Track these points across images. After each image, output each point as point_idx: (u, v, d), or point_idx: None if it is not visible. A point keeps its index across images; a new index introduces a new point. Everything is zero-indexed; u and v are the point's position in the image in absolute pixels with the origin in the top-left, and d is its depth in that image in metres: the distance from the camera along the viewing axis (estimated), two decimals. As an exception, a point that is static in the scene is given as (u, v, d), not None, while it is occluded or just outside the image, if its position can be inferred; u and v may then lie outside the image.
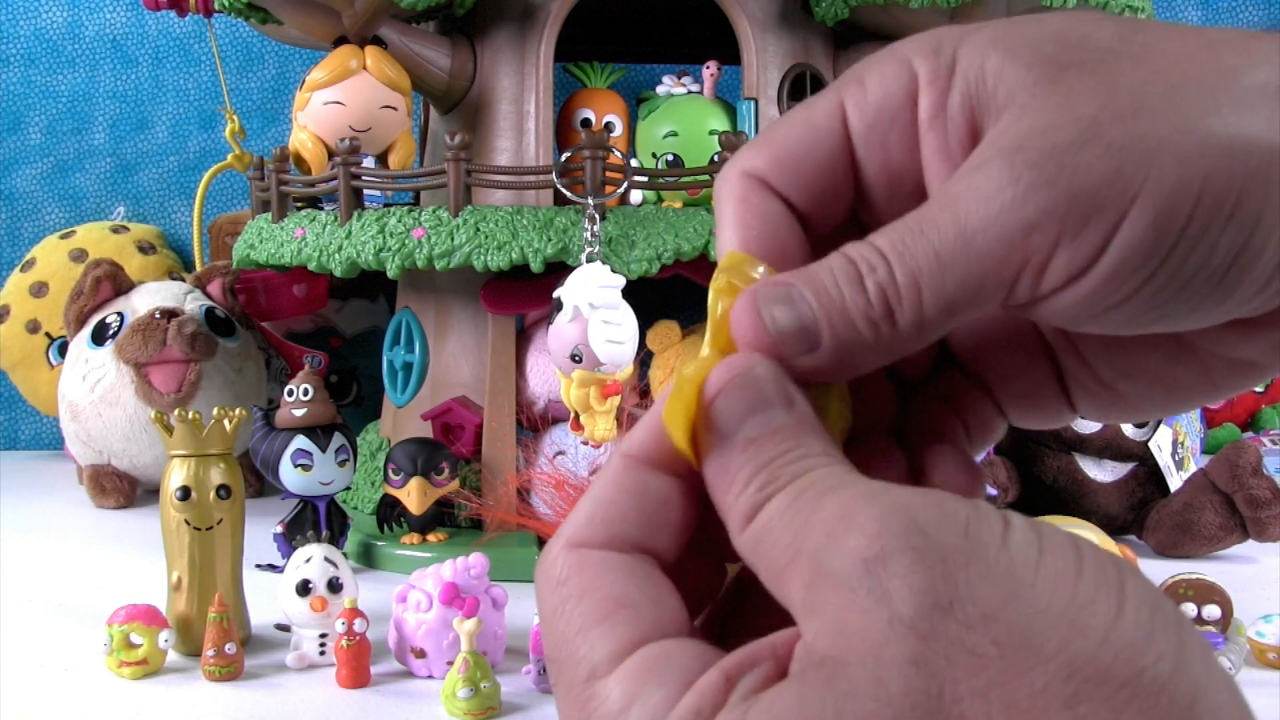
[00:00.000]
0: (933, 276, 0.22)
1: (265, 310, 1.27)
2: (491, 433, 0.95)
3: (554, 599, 0.22)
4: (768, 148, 0.25)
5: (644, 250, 0.86)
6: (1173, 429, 0.96)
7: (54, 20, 1.49)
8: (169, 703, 0.64)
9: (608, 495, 0.23)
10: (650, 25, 1.24)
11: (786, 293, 0.23)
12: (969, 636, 0.18)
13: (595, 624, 0.21)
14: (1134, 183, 0.21)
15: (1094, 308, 0.22)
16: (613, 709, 0.20)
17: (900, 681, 0.18)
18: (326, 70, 0.97)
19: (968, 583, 0.18)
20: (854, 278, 0.22)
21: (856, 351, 0.23)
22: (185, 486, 0.71)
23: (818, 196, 0.25)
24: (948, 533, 0.19)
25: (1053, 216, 0.21)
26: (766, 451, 0.22)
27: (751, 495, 0.21)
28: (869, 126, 0.25)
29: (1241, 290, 0.22)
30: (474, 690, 0.61)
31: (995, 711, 0.17)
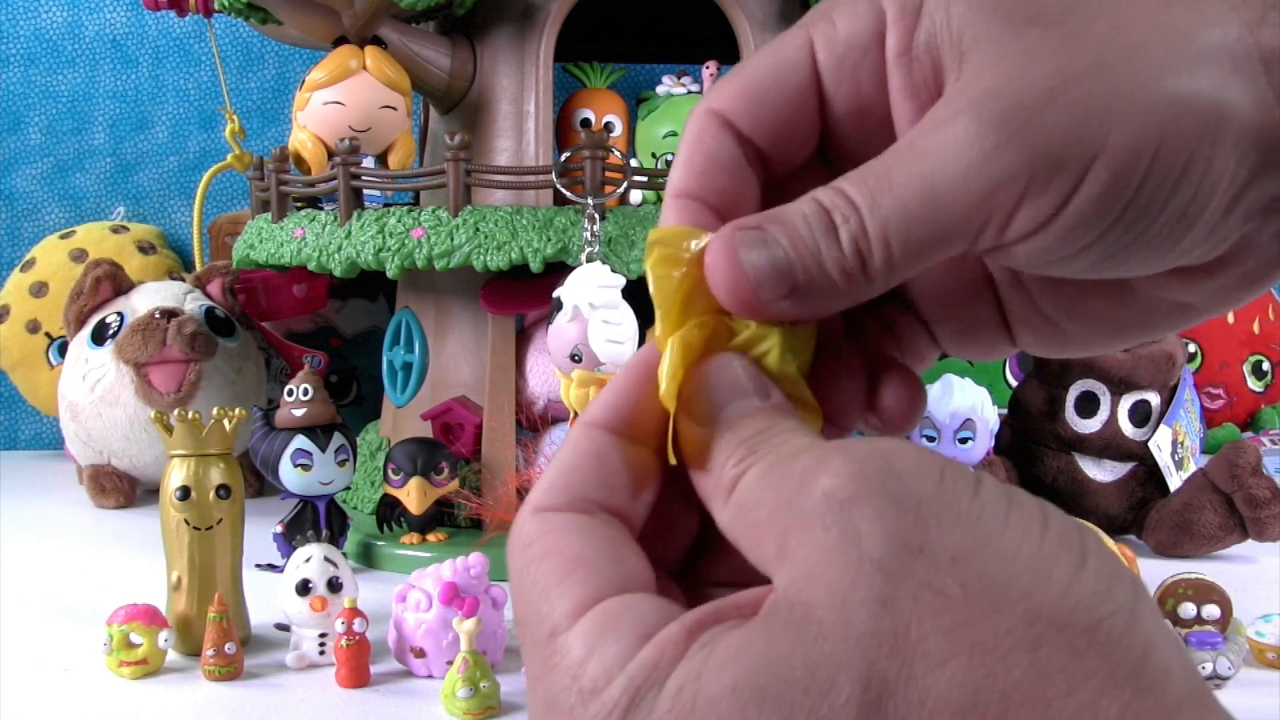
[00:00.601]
0: (902, 229, 0.22)
1: (265, 310, 1.27)
2: (491, 433, 0.95)
3: (519, 562, 0.22)
4: (735, 83, 0.26)
5: (644, 250, 0.86)
6: (1172, 429, 0.96)
7: (54, 20, 1.49)
8: (169, 703, 0.64)
9: (570, 461, 0.24)
10: (650, 25, 1.24)
11: (761, 236, 0.23)
12: (937, 578, 0.18)
13: (556, 583, 0.22)
14: (1095, 140, 0.22)
15: (1052, 255, 0.23)
16: (573, 660, 0.20)
17: (867, 622, 0.18)
18: (326, 70, 0.97)
19: (939, 527, 0.19)
20: (827, 226, 0.23)
21: (830, 297, 0.23)
22: (185, 486, 0.71)
23: (783, 132, 0.26)
24: (922, 479, 0.19)
25: (1018, 174, 0.22)
26: (744, 431, 0.22)
27: (730, 470, 0.22)
28: (839, 61, 0.25)
29: (1189, 240, 0.23)
30: (473, 690, 0.61)
31: (959, 650, 0.18)
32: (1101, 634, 0.18)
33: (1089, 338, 0.27)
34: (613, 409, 0.24)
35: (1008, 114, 0.22)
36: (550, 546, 0.22)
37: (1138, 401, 0.95)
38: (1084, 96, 0.22)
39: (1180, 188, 0.22)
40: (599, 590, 0.21)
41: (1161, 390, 0.96)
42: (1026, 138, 0.22)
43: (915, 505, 0.19)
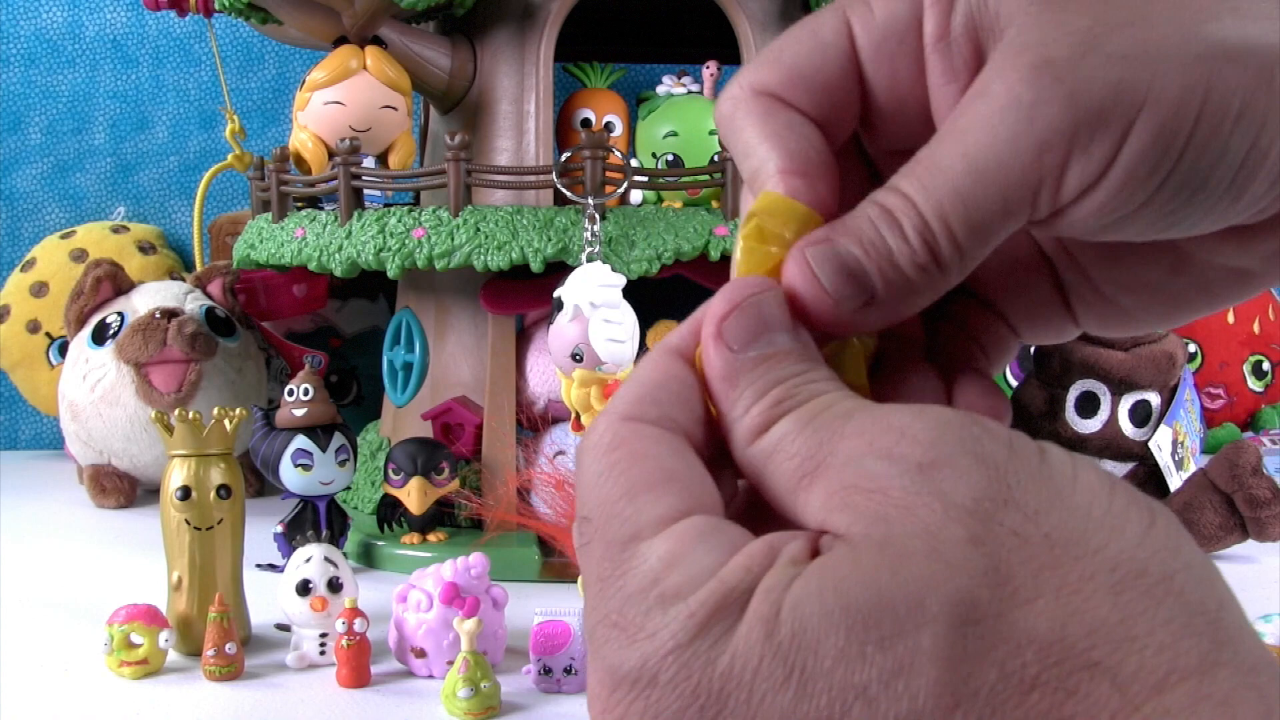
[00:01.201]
0: (959, 211, 0.22)
1: (265, 310, 1.27)
2: (491, 432, 0.95)
3: (601, 462, 0.22)
4: (777, 65, 0.25)
5: (644, 250, 0.86)
6: (1172, 429, 0.96)
7: (54, 20, 1.49)
8: (169, 703, 0.64)
9: (656, 379, 0.23)
10: (650, 25, 1.24)
11: (834, 249, 0.23)
12: (1023, 527, 0.19)
13: (645, 489, 0.21)
14: (1138, 92, 0.21)
15: (1111, 215, 0.23)
16: (653, 566, 0.20)
17: (959, 553, 0.19)
18: (326, 70, 0.97)
19: (1019, 485, 0.19)
20: (893, 225, 0.23)
21: (910, 296, 0.23)
22: (185, 486, 0.71)
23: (827, 113, 0.25)
24: (996, 444, 0.20)
25: (1060, 134, 0.22)
26: (776, 371, 0.22)
27: (763, 410, 0.22)
28: (876, 47, 0.25)
29: (1251, 191, 0.22)
30: (474, 690, 0.61)
31: (1046, 591, 0.18)
32: (1177, 585, 0.19)
33: (1148, 311, 0.27)
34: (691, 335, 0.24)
35: (1042, 69, 0.22)
36: (639, 452, 0.22)
37: (1138, 401, 0.95)
38: (1121, 46, 0.22)
39: (1236, 135, 0.22)
40: (688, 506, 0.21)
41: (1162, 390, 0.96)
42: (1065, 92, 0.22)
43: (994, 466, 0.20)
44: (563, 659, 0.65)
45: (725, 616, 0.19)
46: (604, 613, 0.21)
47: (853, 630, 0.18)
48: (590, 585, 0.21)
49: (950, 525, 0.19)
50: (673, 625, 0.20)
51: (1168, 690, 0.18)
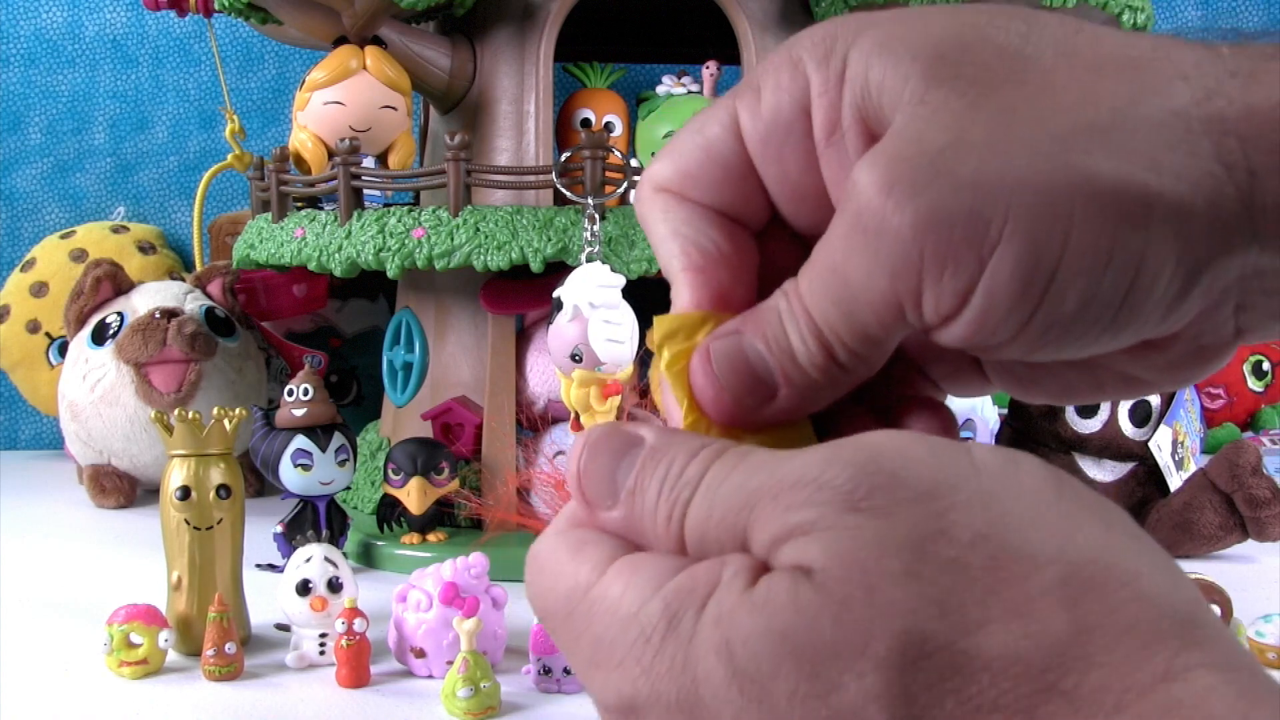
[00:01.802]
0: (841, 322, 0.22)
1: (265, 310, 1.27)
2: (491, 432, 0.95)
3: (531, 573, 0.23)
4: (669, 161, 0.25)
5: (644, 250, 0.86)
6: (1172, 429, 0.96)
7: (54, 20, 1.49)
8: (169, 702, 0.64)
9: None
10: (650, 25, 1.24)
11: (739, 344, 0.23)
12: (963, 555, 0.18)
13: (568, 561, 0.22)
14: (992, 225, 0.20)
15: (982, 341, 0.22)
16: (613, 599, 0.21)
17: (898, 592, 0.18)
18: (326, 70, 0.97)
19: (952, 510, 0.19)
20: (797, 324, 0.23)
21: (815, 393, 0.23)
22: (185, 486, 0.71)
23: (728, 204, 0.25)
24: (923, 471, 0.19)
25: (908, 261, 0.21)
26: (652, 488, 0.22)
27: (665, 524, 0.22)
28: (763, 140, 0.24)
29: (1134, 327, 0.22)
30: (474, 690, 0.61)
31: (997, 615, 0.18)
32: (1142, 586, 0.18)
33: (1053, 392, 0.27)
34: None
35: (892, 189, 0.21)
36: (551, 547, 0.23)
37: (1138, 401, 0.95)
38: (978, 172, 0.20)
39: (1109, 275, 0.21)
40: (611, 553, 0.22)
41: (1162, 391, 0.96)
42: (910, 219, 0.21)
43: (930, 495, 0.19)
44: (562, 659, 0.65)
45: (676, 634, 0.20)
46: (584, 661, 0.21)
47: (802, 673, 0.18)
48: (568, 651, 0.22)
49: (887, 559, 0.18)
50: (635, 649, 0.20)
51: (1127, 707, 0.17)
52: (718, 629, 0.19)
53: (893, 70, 0.22)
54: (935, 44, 0.22)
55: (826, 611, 0.18)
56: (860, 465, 0.19)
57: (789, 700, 0.18)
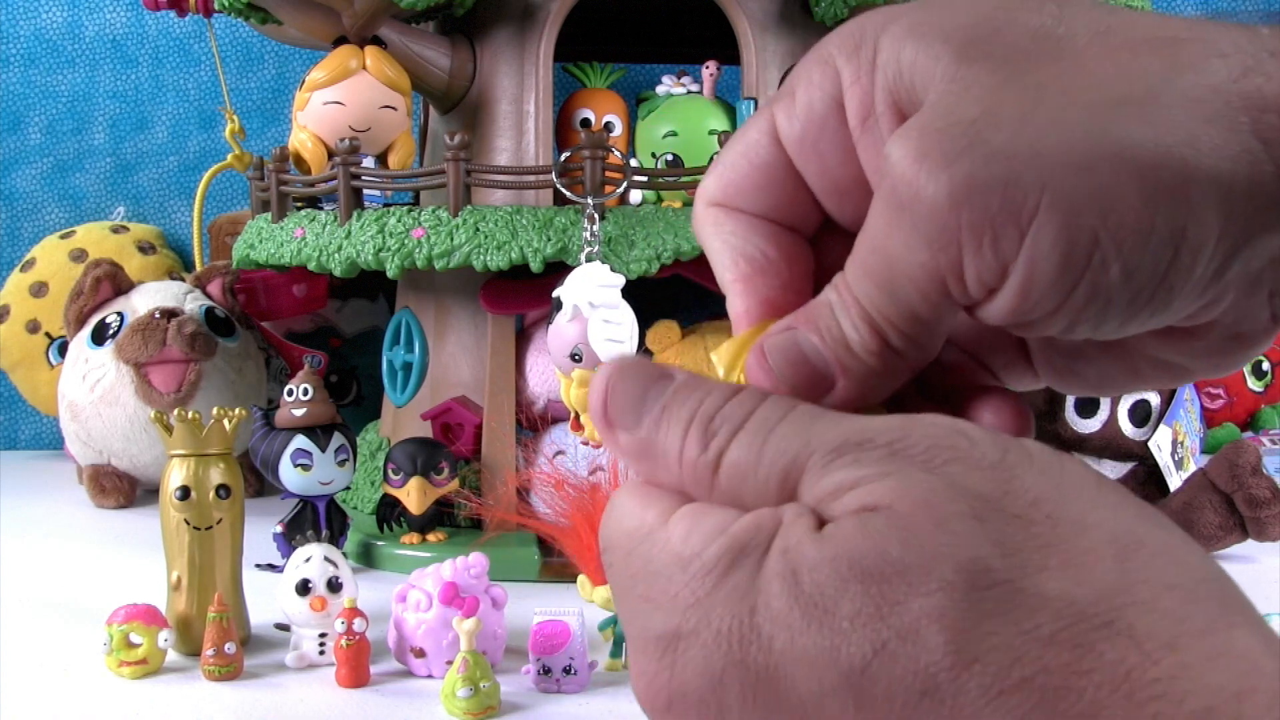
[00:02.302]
0: (887, 304, 0.23)
1: (265, 310, 1.27)
2: (491, 432, 0.95)
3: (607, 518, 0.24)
4: (716, 176, 0.26)
5: (643, 250, 0.86)
6: (1172, 429, 0.96)
7: (54, 20, 1.49)
8: (169, 702, 0.64)
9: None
10: (650, 25, 1.24)
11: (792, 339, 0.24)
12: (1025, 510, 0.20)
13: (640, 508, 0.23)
14: (1029, 194, 0.20)
15: (1025, 316, 0.22)
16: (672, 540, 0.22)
17: (965, 526, 0.19)
18: (326, 70, 0.97)
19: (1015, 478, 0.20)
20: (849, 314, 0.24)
21: (874, 380, 0.24)
22: (185, 486, 0.71)
23: (777, 208, 0.26)
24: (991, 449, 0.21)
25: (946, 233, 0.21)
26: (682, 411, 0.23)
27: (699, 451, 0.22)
28: (800, 138, 0.25)
29: (1175, 306, 0.22)
30: (473, 690, 0.61)
31: (1055, 563, 0.19)
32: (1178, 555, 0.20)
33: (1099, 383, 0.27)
34: None
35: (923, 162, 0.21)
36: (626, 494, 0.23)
37: (1138, 401, 0.95)
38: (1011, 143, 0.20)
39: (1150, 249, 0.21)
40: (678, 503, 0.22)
41: (1161, 390, 0.96)
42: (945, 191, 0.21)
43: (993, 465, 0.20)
44: (562, 659, 0.65)
45: (739, 569, 0.20)
46: (635, 596, 0.22)
47: (868, 594, 0.19)
48: (621, 589, 0.22)
49: (955, 502, 0.20)
50: (692, 582, 0.21)
51: (1181, 648, 0.18)
52: (784, 559, 0.20)
53: (924, 52, 0.22)
54: (966, 27, 0.22)
55: (895, 536, 0.19)
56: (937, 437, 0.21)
57: (851, 620, 0.19)
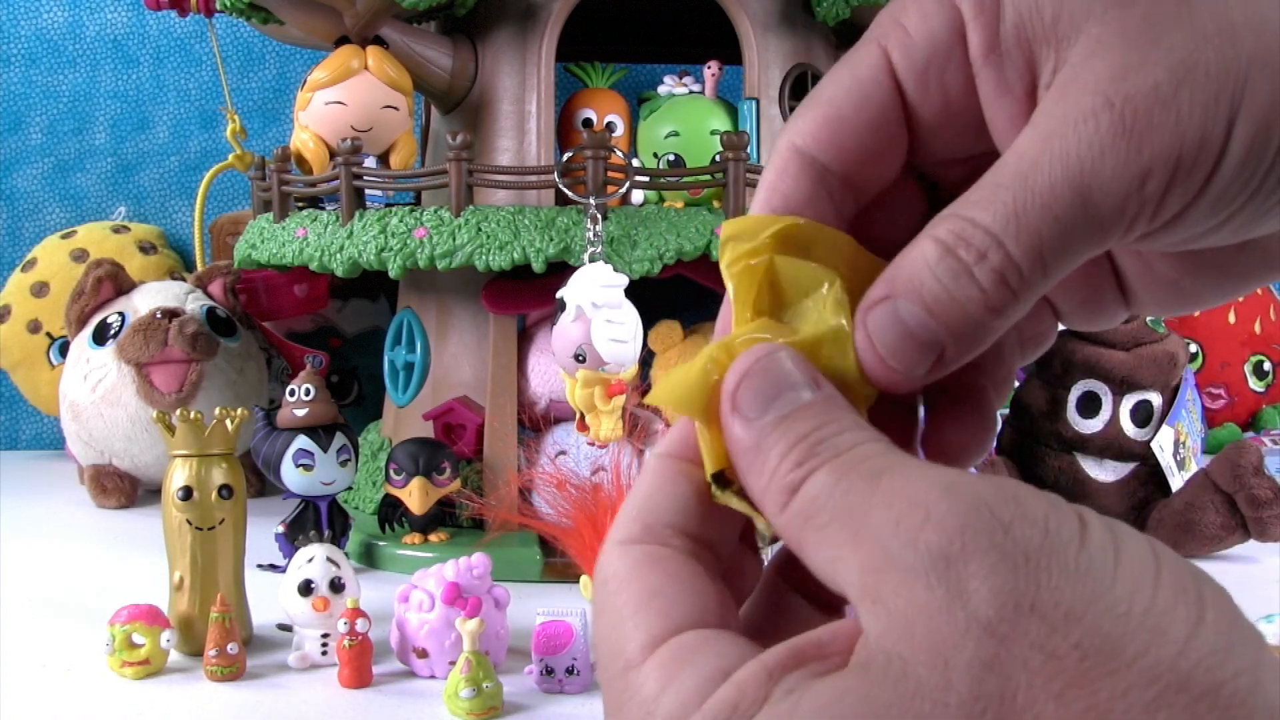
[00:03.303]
0: (1057, 238, 0.21)
1: (266, 310, 1.27)
2: (493, 432, 0.95)
3: (600, 597, 0.22)
4: (815, 114, 0.24)
5: (646, 250, 0.86)
6: (1174, 429, 0.96)
7: (55, 20, 1.49)
8: (171, 703, 0.64)
9: (644, 490, 0.23)
10: (651, 25, 1.24)
11: (895, 314, 0.22)
12: (1049, 639, 0.17)
13: (630, 616, 0.21)
14: (1232, 109, 0.21)
15: (1201, 229, 0.22)
16: (646, 696, 0.20)
17: (971, 685, 0.17)
18: (328, 70, 0.97)
19: (1050, 584, 0.17)
20: (959, 270, 0.21)
21: (981, 340, 0.22)
22: (187, 486, 0.71)
23: (870, 157, 0.24)
24: (1029, 530, 0.18)
25: (1166, 162, 0.21)
26: (800, 427, 0.21)
27: (789, 471, 0.20)
28: (920, 72, 0.23)
29: None
30: (476, 690, 0.61)
31: (1072, 715, 0.17)
32: (1224, 698, 0.17)
33: (1209, 290, 0.26)
34: (681, 437, 0.23)
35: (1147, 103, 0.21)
36: (626, 579, 0.22)
37: (1139, 402, 0.95)
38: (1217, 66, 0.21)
39: None
40: (674, 623, 0.21)
41: (1163, 390, 0.96)
42: (1168, 124, 0.21)
43: (1024, 560, 0.18)
44: (565, 659, 0.65)
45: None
46: None
47: None
48: (606, 698, 0.21)
49: (966, 647, 0.17)
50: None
51: None
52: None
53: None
54: None
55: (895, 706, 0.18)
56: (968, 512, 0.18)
57: None
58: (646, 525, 0.22)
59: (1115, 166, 0.21)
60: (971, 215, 0.21)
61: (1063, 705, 0.17)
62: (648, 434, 0.91)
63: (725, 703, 0.19)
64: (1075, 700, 0.17)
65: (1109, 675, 0.17)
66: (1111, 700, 0.17)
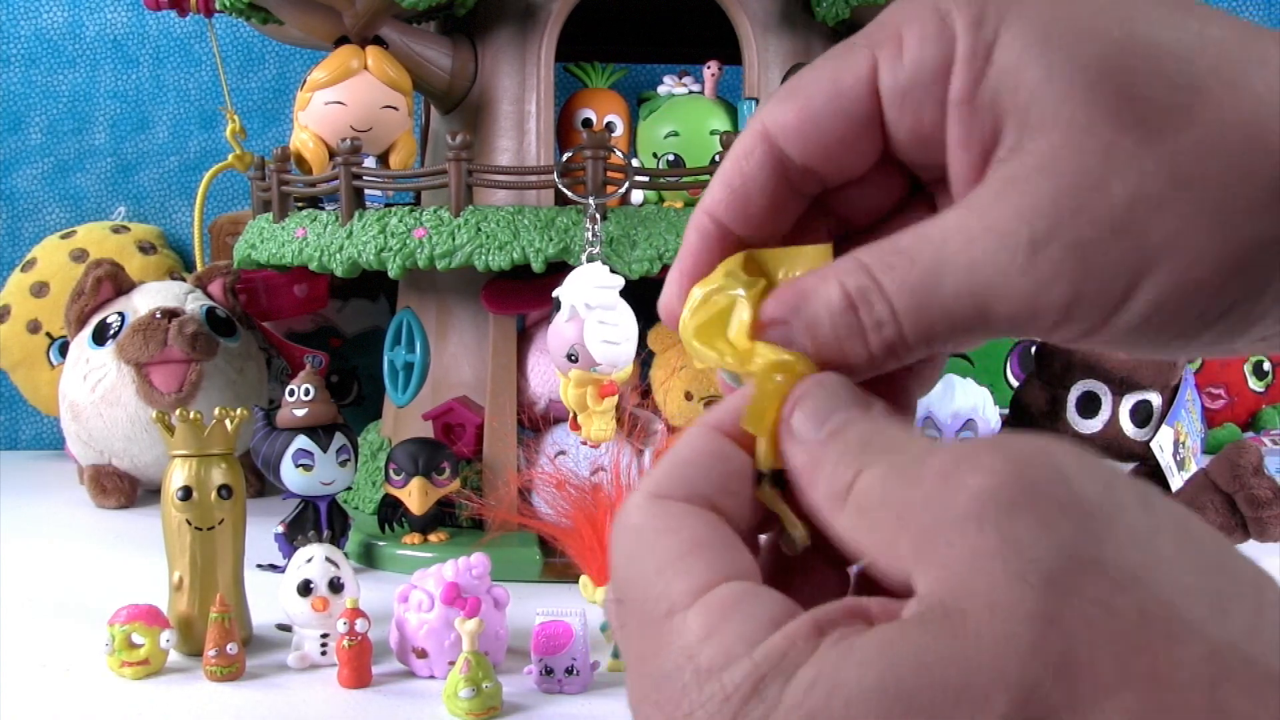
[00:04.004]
0: (946, 333, 0.22)
1: (266, 310, 1.27)
2: (493, 432, 0.95)
3: (629, 542, 0.22)
4: (792, 106, 0.24)
5: (645, 250, 0.86)
6: (1174, 429, 0.96)
7: (55, 20, 1.49)
8: (170, 703, 0.64)
9: (687, 456, 0.23)
10: (651, 25, 1.24)
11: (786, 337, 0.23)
12: (1113, 597, 0.17)
13: (673, 561, 0.21)
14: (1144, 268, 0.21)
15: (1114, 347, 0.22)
16: (690, 639, 0.19)
17: (1030, 637, 0.17)
18: (328, 70, 0.97)
19: (1113, 542, 0.17)
20: (856, 330, 0.23)
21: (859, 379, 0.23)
22: (187, 486, 0.71)
23: (839, 156, 0.25)
24: (1092, 487, 0.18)
25: (1062, 304, 0.21)
26: (852, 435, 0.21)
27: (842, 473, 0.21)
28: (902, 95, 0.23)
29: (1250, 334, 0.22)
30: (476, 690, 0.61)
31: (1133, 679, 0.16)
32: None
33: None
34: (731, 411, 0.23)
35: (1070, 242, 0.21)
36: (666, 527, 0.21)
37: (1139, 402, 0.95)
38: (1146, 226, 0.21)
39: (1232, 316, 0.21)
40: (721, 573, 0.20)
41: (1163, 390, 0.96)
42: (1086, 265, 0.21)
43: (1087, 515, 0.17)
44: (564, 659, 0.65)
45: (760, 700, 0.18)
46: (644, 691, 0.20)
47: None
48: (631, 664, 0.21)
49: (1026, 597, 0.17)
50: (709, 705, 0.19)
51: None
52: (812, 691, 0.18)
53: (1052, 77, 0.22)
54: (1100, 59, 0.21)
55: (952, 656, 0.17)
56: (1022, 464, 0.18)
57: None
58: (688, 488, 0.22)
59: (1017, 296, 0.21)
60: (882, 280, 0.22)
61: (1125, 666, 0.16)
62: (647, 434, 0.91)
63: (775, 650, 0.18)
64: (1137, 663, 0.16)
65: (1169, 643, 0.16)
66: (1172, 670, 0.16)
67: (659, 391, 0.91)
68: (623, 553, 0.22)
